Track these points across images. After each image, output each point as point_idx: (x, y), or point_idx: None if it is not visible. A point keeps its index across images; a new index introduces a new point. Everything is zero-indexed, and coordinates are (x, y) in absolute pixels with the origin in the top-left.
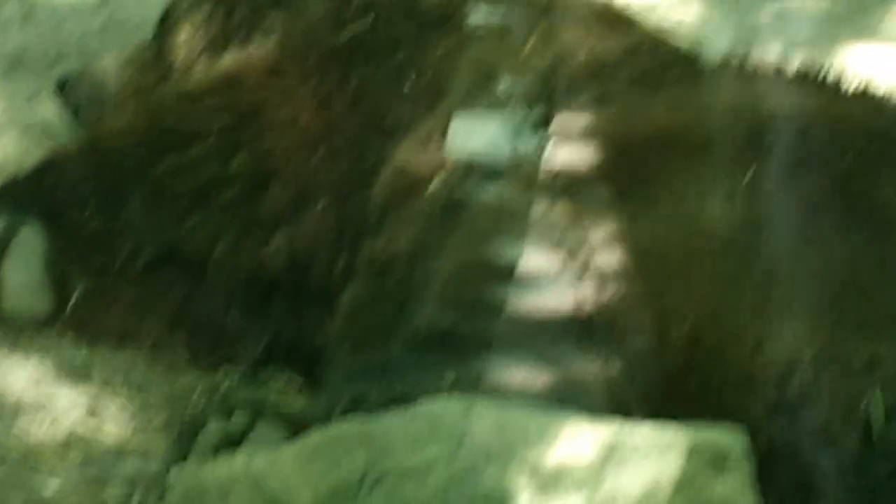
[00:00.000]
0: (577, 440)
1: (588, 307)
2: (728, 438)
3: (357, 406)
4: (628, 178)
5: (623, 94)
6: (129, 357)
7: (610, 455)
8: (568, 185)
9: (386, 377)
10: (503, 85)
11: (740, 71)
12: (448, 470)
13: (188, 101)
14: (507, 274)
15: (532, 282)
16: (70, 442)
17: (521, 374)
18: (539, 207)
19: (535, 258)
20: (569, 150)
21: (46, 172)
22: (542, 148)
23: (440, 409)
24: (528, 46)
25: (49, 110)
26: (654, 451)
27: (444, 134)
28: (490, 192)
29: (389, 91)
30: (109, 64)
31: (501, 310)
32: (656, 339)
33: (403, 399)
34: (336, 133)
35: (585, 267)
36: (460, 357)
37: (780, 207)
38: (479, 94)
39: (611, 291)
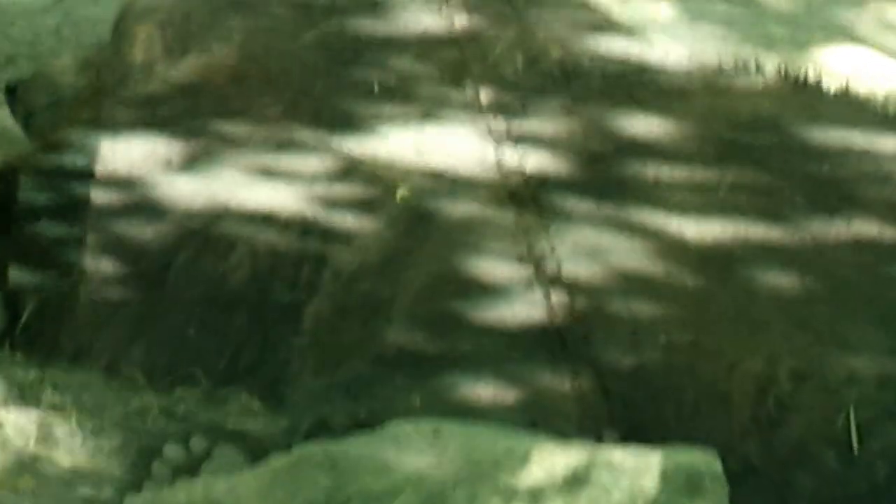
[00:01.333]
0: (549, 463)
1: (559, 321)
2: (703, 460)
3: (321, 428)
4: (604, 188)
5: (596, 100)
6: (82, 377)
7: (582, 479)
8: (538, 194)
9: (351, 398)
10: (472, 90)
11: (715, 74)
12: (416, 495)
13: (148, 105)
14: (476, 288)
15: (501, 295)
16: (20, 468)
17: (491, 394)
18: (508, 217)
19: (504, 270)
20: (539, 157)
21: None
22: (511, 156)
23: (408, 431)
24: (498, 50)
25: (1, 117)
26: (627, 474)
27: (412, 140)
28: (459, 202)
29: (355, 96)
30: (64, 66)
31: (470, 325)
32: (629, 356)
33: (369, 421)
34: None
35: (556, 279)
36: (428, 376)
37: (757, 218)
38: (448, 100)
39: (582, 305)
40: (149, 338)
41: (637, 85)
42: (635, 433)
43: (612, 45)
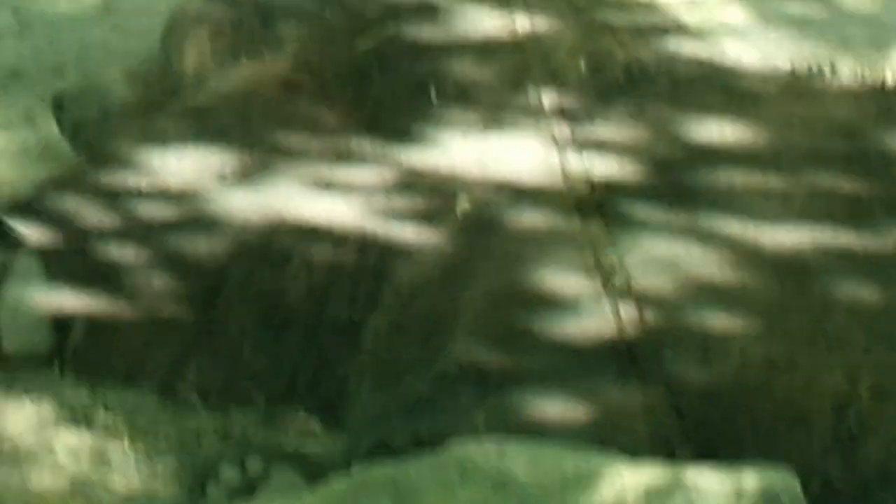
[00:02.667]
0: (620, 484)
1: (628, 335)
2: (782, 481)
3: (381, 449)
4: (675, 196)
5: (664, 105)
6: (135, 398)
7: (655, 500)
8: (605, 203)
9: (412, 417)
10: (534, 95)
11: (789, 78)
12: None
13: (200, 117)
14: (541, 301)
15: (568, 309)
16: (73, 491)
17: (558, 411)
18: (574, 227)
19: (570, 283)
20: (606, 164)
21: (44, 198)
22: (577, 163)
23: (472, 451)
24: (562, 54)
25: (47, 129)
26: (702, 495)
27: (472, 149)
28: (522, 213)
29: (413, 104)
30: (113, 78)
31: (536, 340)
32: (701, 371)
33: (432, 441)
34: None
35: (625, 291)
36: (492, 394)
37: (835, 226)
38: (510, 106)
39: (652, 318)
40: (203, 357)
41: (707, 89)
42: (709, 452)
43: (681, 48)
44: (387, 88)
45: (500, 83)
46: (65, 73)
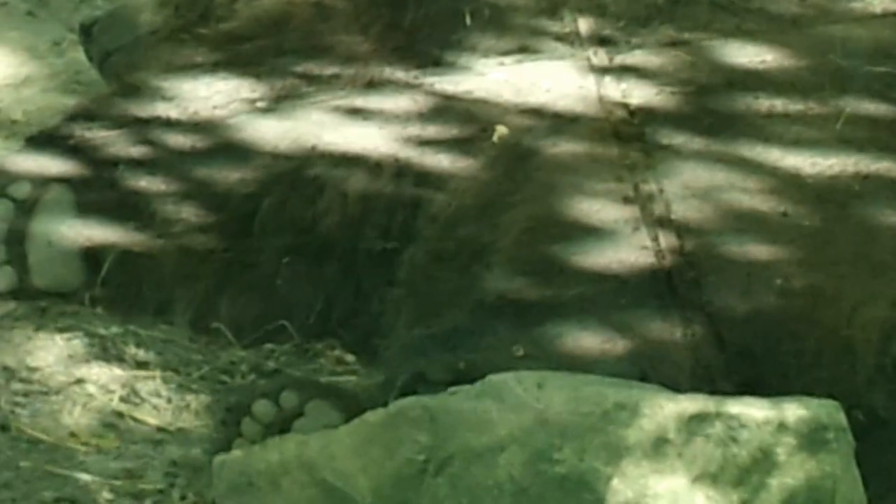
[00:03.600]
0: (661, 416)
1: (668, 265)
2: (826, 412)
3: (418, 383)
4: (714, 123)
5: (703, 31)
6: (166, 332)
7: (697, 433)
8: (643, 131)
9: (450, 350)
10: (571, 20)
11: (829, 1)
12: (521, 451)
13: (229, 44)
14: (580, 231)
15: (607, 238)
16: (103, 426)
17: (597, 343)
18: (612, 155)
19: (609, 212)
20: (644, 91)
21: (74, 128)
22: (614, 90)
23: (510, 384)
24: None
25: (75, 58)
26: (746, 428)
27: (508, 76)
28: (560, 141)
29: (447, 30)
30: (141, 4)
31: (574, 271)
32: (743, 301)
33: (469, 374)
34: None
35: (664, 220)
36: (531, 325)
37: (878, 152)
38: (546, 32)
39: (692, 247)
40: (235, 289)
41: (746, 13)
42: (752, 383)
43: None
44: (421, 14)
45: (536, 8)
46: (93, 1)
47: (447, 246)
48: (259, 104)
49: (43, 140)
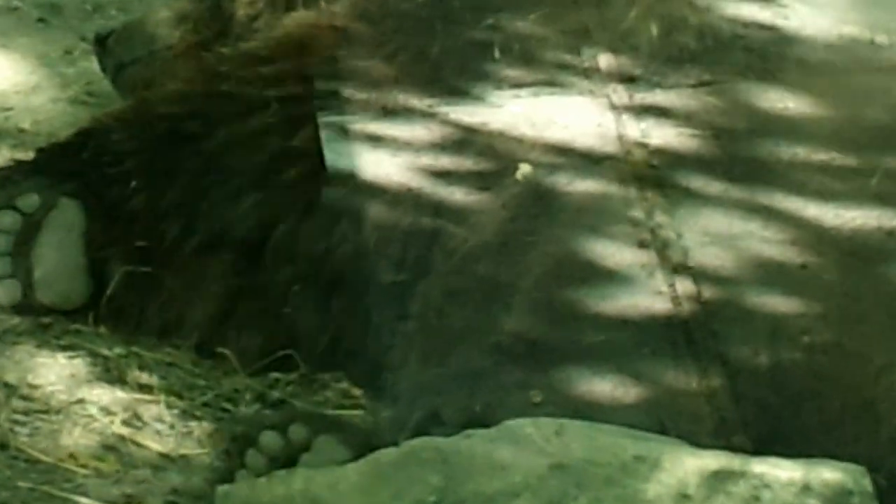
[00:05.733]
0: (681, 472)
1: (685, 313)
2: (851, 475)
3: (431, 423)
4: (737, 169)
5: (732, 73)
6: (171, 355)
7: (718, 490)
8: (664, 173)
9: (464, 390)
10: (601, 58)
11: (865, 48)
12: (535, 499)
13: (250, 65)
14: (597, 274)
15: (623, 283)
16: (104, 451)
17: (614, 390)
18: (631, 197)
19: (626, 255)
20: (666, 132)
21: (86, 141)
22: (635, 130)
23: (527, 429)
24: (631, 17)
25: (88, 68)
26: (768, 488)
27: (528, 110)
28: (580, 180)
29: (475, 62)
30: (159, 18)
31: (591, 314)
32: (763, 354)
33: (484, 416)
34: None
35: (682, 266)
36: (548, 369)
37: None
38: (573, 68)
39: (711, 296)
40: (243, 315)
41: (780, 59)
42: (770, 440)
43: (756, 15)
44: (450, 44)
45: (565, 43)
46: (107, 10)
47: (463, 282)
48: None
49: (54, 151)
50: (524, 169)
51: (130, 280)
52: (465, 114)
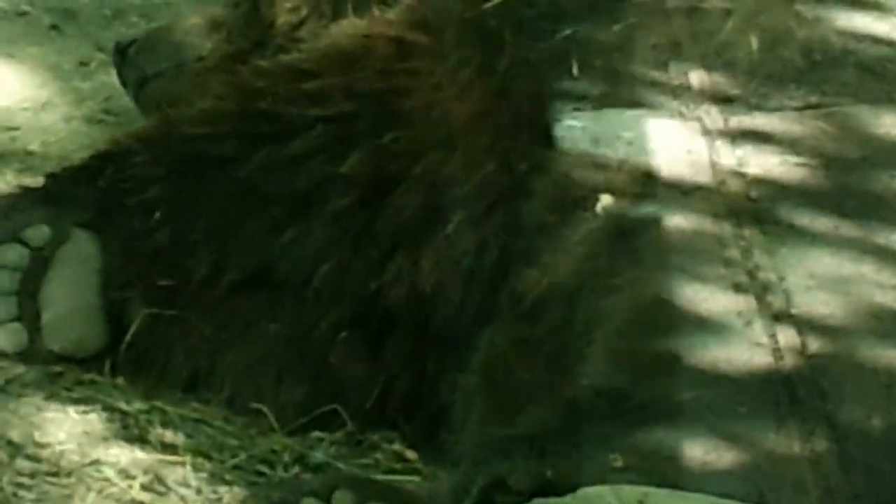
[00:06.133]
0: None
1: (787, 367)
2: None
3: (498, 491)
4: (848, 203)
5: (844, 94)
6: (199, 411)
7: None
8: (763, 207)
9: (535, 453)
10: (693, 76)
11: None
12: None
13: (291, 80)
14: (687, 322)
15: (717, 332)
16: None
17: (706, 454)
18: (726, 234)
19: (719, 301)
20: (770, 163)
21: (103, 166)
22: (729, 157)
23: (608, 499)
24: (728, 28)
25: (105, 81)
26: None
27: (614, 136)
28: (668, 213)
29: (549, 77)
30: (188, 24)
31: (680, 367)
32: (876, 416)
33: (559, 484)
34: (479, 129)
35: (784, 314)
36: (630, 430)
37: None
38: (662, 86)
39: (817, 348)
40: (281, 365)
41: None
42: None
43: (870, 27)
44: (522, 57)
45: (653, 58)
46: (128, 16)
47: (534, 330)
48: None
49: (66, 177)
50: (604, 200)
51: (153, 324)
52: (544, 136)
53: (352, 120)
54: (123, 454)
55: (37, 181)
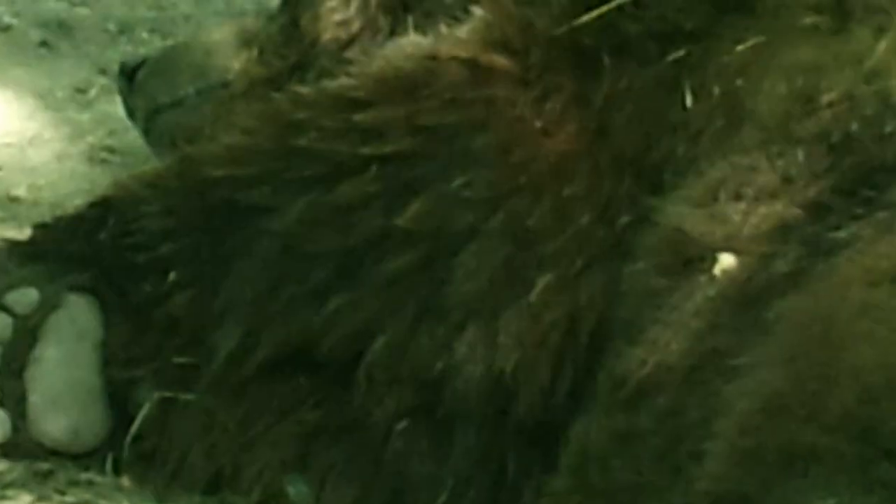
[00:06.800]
0: None
1: None
2: None
3: None
4: None
5: None
6: None
7: None
8: None
9: None
10: (835, 109)
11: None
12: None
13: (339, 111)
14: None
15: None
16: None
17: None
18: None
19: None
20: None
21: (104, 215)
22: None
23: None
24: (879, 50)
25: (108, 111)
26: None
27: (738, 181)
28: (801, 278)
29: (658, 109)
30: (210, 41)
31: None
32: None
33: None
34: (571, 172)
35: None
36: None
37: None
38: (799, 123)
39: None
40: (326, 461)
41: None
42: None
43: None
44: (623, 86)
45: (787, 87)
46: (136, 31)
47: (638, 421)
48: None
49: (59, 229)
50: (725, 261)
51: (166, 411)
52: (652, 182)
53: (413, 160)
54: None
55: (23, 234)
